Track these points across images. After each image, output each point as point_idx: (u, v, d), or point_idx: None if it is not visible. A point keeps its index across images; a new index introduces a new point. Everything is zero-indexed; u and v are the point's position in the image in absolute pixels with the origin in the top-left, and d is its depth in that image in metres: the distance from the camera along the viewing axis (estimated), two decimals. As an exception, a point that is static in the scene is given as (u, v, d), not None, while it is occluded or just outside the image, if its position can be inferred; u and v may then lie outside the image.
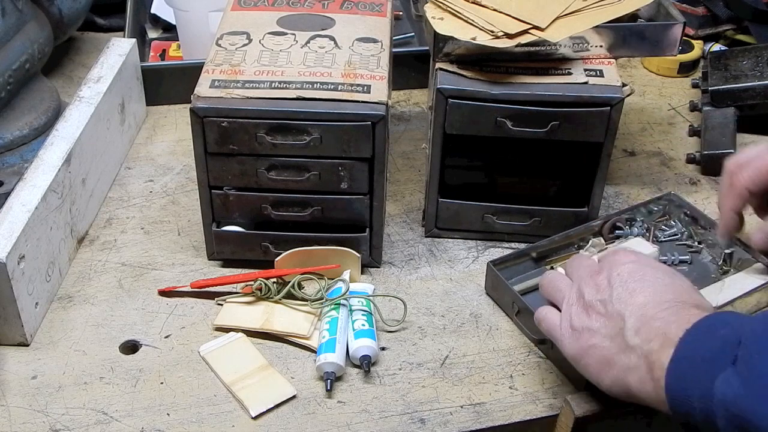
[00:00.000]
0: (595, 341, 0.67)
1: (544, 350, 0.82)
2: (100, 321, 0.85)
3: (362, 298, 0.85)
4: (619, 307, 0.66)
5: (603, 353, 0.67)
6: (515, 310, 0.84)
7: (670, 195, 0.96)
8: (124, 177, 1.05)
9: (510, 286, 0.85)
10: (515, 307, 0.84)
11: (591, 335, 0.68)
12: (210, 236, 0.90)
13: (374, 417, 0.76)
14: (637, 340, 0.64)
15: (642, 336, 0.64)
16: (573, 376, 0.78)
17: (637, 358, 0.64)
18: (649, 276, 0.67)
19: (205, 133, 0.83)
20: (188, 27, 1.20)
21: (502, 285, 0.86)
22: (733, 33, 1.31)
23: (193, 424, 0.75)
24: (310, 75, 0.86)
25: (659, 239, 0.94)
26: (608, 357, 0.66)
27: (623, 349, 0.65)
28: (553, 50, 0.88)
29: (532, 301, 0.83)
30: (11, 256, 0.77)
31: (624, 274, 0.68)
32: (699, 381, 0.58)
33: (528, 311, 0.82)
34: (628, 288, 0.67)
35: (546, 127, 0.87)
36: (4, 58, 1.00)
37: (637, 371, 0.64)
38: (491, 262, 0.87)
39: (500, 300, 0.87)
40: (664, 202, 0.97)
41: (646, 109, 1.21)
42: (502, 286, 0.86)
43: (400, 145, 1.12)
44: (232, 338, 0.83)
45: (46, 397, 0.77)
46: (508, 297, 0.86)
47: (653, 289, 0.66)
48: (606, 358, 0.66)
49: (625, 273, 0.68)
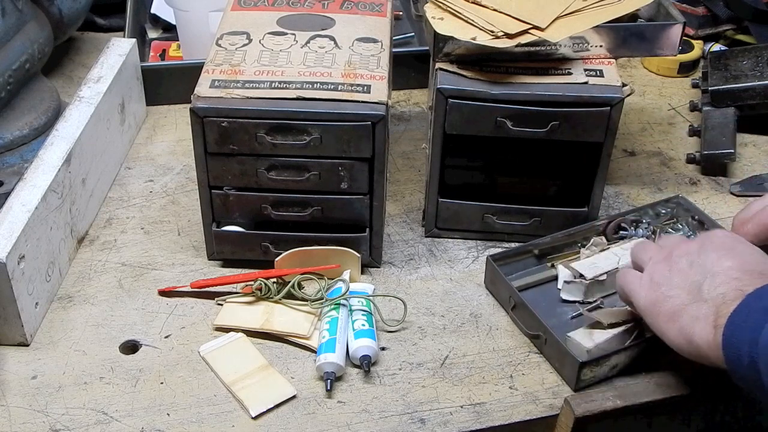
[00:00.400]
0: (671, 293, 0.71)
1: (538, 345, 0.82)
2: (100, 321, 0.85)
3: (362, 298, 0.85)
4: (705, 266, 0.70)
5: (675, 303, 0.70)
6: (511, 305, 0.85)
7: (678, 198, 0.96)
8: (124, 177, 1.05)
9: (508, 280, 0.85)
10: (512, 301, 0.84)
11: (669, 288, 0.72)
12: (210, 236, 0.90)
13: (374, 417, 0.76)
14: (714, 293, 0.68)
15: (719, 290, 0.68)
16: (566, 374, 0.79)
17: (707, 308, 0.67)
18: (739, 248, 0.71)
19: (205, 133, 0.83)
20: (188, 27, 1.20)
21: (500, 279, 0.86)
22: (733, 33, 1.31)
23: (193, 424, 0.75)
24: (310, 75, 0.86)
25: None
26: (679, 308, 0.70)
27: (696, 300, 0.69)
28: (553, 50, 0.88)
29: (530, 298, 0.84)
30: (11, 256, 0.77)
31: (716, 242, 0.72)
32: (751, 328, 0.62)
33: (524, 306, 0.82)
34: (718, 253, 0.71)
35: (546, 127, 0.87)
36: (4, 58, 1.00)
37: (704, 320, 0.67)
38: (491, 257, 0.88)
39: (498, 294, 0.88)
40: (673, 204, 0.96)
41: (646, 109, 1.21)
42: (499, 280, 0.86)
43: (400, 145, 1.12)
44: (232, 338, 0.83)
45: (46, 397, 0.77)
46: (505, 291, 0.86)
47: (742, 259, 0.70)
48: (677, 308, 0.70)
49: (718, 241, 0.72)
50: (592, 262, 0.88)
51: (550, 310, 0.86)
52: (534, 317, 0.81)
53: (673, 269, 0.72)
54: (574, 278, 0.87)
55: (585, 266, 0.87)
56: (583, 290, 0.87)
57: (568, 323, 0.85)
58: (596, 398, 0.75)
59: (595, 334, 0.80)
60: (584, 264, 0.87)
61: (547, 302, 0.87)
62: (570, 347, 0.79)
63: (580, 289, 0.87)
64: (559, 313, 0.86)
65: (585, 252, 0.90)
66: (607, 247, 0.90)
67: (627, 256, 0.87)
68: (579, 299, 0.87)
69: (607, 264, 0.87)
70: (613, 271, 0.86)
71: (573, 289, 0.87)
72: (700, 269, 0.70)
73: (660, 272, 0.73)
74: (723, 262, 0.70)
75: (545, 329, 0.80)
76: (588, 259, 0.88)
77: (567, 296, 0.87)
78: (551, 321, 0.83)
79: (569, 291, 0.87)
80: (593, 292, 0.87)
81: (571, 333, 0.81)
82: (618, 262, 0.87)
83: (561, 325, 0.84)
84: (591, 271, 0.86)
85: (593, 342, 0.79)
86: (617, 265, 0.87)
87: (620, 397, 0.76)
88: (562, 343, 0.79)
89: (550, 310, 0.86)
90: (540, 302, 0.86)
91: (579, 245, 0.92)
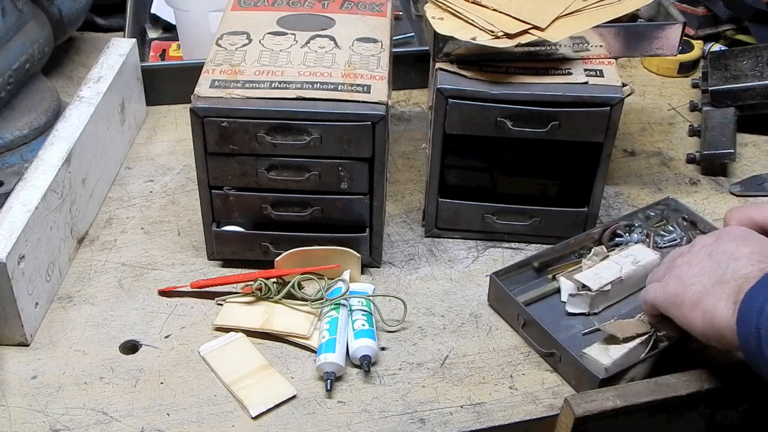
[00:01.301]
0: (694, 281, 0.71)
1: (552, 363, 0.81)
2: (100, 321, 0.85)
3: (362, 298, 0.85)
4: (726, 253, 0.71)
5: (698, 289, 0.70)
6: (521, 323, 0.83)
7: (668, 200, 0.96)
8: (124, 177, 1.05)
9: (515, 298, 0.84)
10: (521, 319, 0.83)
11: (691, 276, 0.72)
12: (210, 236, 0.90)
13: (374, 417, 0.76)
14: (737, 275, 0.68)
15: (743, 272, 0.68)
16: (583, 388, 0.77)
17: (730, 288, 0.68)
18: (755, 237, 0.73)
19: (205, 133, 0.83)
20: (188, 27, 1.20)
21: (507, 297, 0.84)
22: (733, 33, 1.31)
23: (193, 424, 0.75)
24: (310, 75, 0.86)
25: (659, 245, 0.93)
26: (702, 293, 0.70)
27: (720, 282, 0.69)
28: (553, 50, 0.88)
29: (537, 313, 0.82)
30: (11, 256, 0.77)
31: (732, 233, 0.74)
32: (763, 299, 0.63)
33: (534, 323, 0.81)
34: (736, 243, 0.72)
35: (546, 127, 0.87)
36: (4, 58, 1.00)
37: (725, 299, 0.67)
38: (494, 274, 0.86)
39: (504, 312, 0.86)
40: (662, 206, 0.96)
41: (646, 109, 1.21)
42: (506, 299, 0.85)
43: (400, 145, 1.12)
44: (232, 338, 0.83)
45: (46, 397, 0.77)
46: (513, 309, 0.84)
47: (761, 246, 0.71)
48: (700, 293, 0.70)
49: (733, 233, 0.74)
50: (594, 272, 0.86)
51: (557, 324, 0.84)
52: (546, 334, 0.80)
53: (693, 262, 0.73)
54: (579, 290, 0.86)
55: (588, 277, 0.86)
56: (588, 302, 0.85)
57: (578, 338, 0.83)
58: (596, 398, 0.75)
59: (611, 350, 0.79)
60: (587, 275, 0.86)
61: (552, 316, 0.85)
62: (587, 364, 0.77)
63: (586, 301, 0.86)
64: (566, 327, 0.85)
65: (586, 263, 0.89)
66: (607, 255, 0.89)
67: (628, 264, 0.87)
68: (585, 311, 0.86)
69: (610, 274, 0.86)
70: (617, 281, 0.85)
71: (578, 302, 0.86)
72: (721, 257, 0.71)
73: (680, 268, 0.74)
74: (743, 249, 0.70)
75: (560, 346, 0.79)
76: (590, 270, 0.87)
77: (572, 309, 0.86)
78: (561, 336, 0.81)
79: (574, 303, 0.86)
80: (598, 304, 0.86)
81: (587, 349, 0.80)
82: (620, 271, 0.86)
83: (571, 339, 0.83)
84: (595, 283, 0.85)
85: (610, 358, 0.78)
86: (620, 275, 0.86)
87: (620, 397, 0.75)
88: (580, 361, 0.77)
89: (556, 324, 0.84)
90: (546, 317, 0.83)
91: (577, 255, 0.91)
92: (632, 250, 0.89)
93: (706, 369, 0.77)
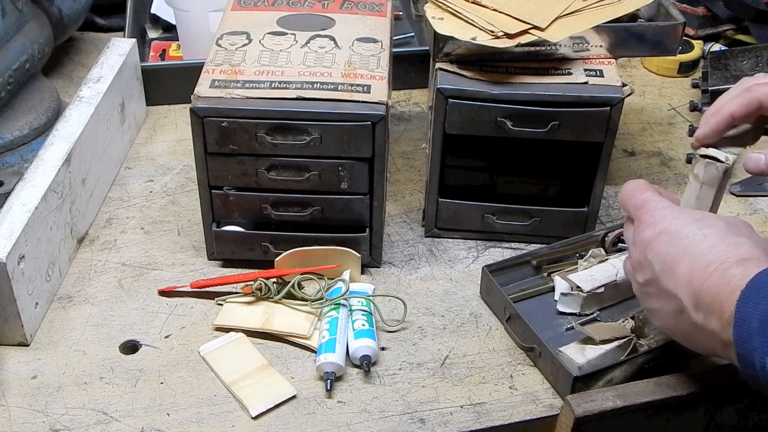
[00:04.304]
0: (668, 321, 0.69)
1: (532, 357, 0.81)
2: (100, 321, 0.85)
3: (362, 298, 0.85)
4: (668, 285, 0.67)
5: (680, 329, 0.68)
6: (506, 316, 0.84)
7: None
8: (124, 177, 1.05)
9: (503, 291, 0.84)
10: (506, 312, 0.83)
11: (661, 315, 0.70)
12: (210, 236, 0.90)
13: (374, 417, 0.76)
14: (699, 317, 0.64)
15: (702, 312, 0.64)
16: (560, 389, 0.78)
17: (708, 337, 0.64)
18: (683, 243, 0.66)
19: (205, 133, 0.83)
20: (188, 27, 1.20)
21: (495, 290, 0.85)
22: (733, 33, 1.31)
23: (193, 424, 0.75)
24: (310, 75, 0.86)
25: None
26: (685, 333, 0.68)
27: (694, 327, 0.66)
28: (553, 50, 0.88)
29: (526, 309, 0.83)
30: (11, 256, 0.77)
31: (658, 249, 0.68)
32: (760, 351, 0.59)
33: (519, 318, 0.81)
34: (667, 261, 0.67)
35: (546, 127, 0.87)
36: (4, 58, 1.00)
37: (716, 345, 0.65)
38: (486, 267, 0.87)
39: (493, 305, 0.87)
40: None
41: (646, 109, 1.21)
42: (495, 291, 0.85)
43: (400, 145, 1.12)
44: (232, 338, 0.83)
45: (46, 397, 0.77)
46: (500, 302, 0.85)
47: (693, 256, 0.65)
48: (684, 333, 0.68)
49: (661, 246, 0.68)
50: (589, 274, 0.86)
51: (546, 322, 0.85)
52: (528, 329, 0.80)
53: (649, 297, 0.70)
54: (571, 290, 0.86)
55: (582, 278, 0.86)
56: (579, 303, 0.85)
57: (563, 336, 0.84)
58: (596, 398, 0.75)
59: (587, 350, 0.79)
60: (581, 276, 0.86)
61: (543, 314, 0.86)
62: (563, 362, 0.77)
63: (577, 302, 0.86)
64: (555, 326, 0.85)
65: (583, 264, 0.89)
66: (605, 258, 0.89)
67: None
68: (575, 311, 0.86)
69: (605, 276, 0.86)
70: (611, 284, 0.85)
71: (569, 302, 0.86)
72: (667, 291, 0.68)
73: (644, 301, 0.72)
74: (677, 270, 0.66)
75: (539, 342, 0.79)
76: (585, 271, 0.87)
77: (563, 308, 0.86)
78: (546, 333, 0.82)
79: (566, 303, 0.86)
80: (590, 305, 0.86)
81: (563, 348, 0.80)
82: (616, 275, 0.85)
83: (556, 337, 0.83)
84: (588, 284, 0.85)
85: (585, 358, 0.78)
86: (615, 278, 0.85)
87: (620, 397, 0.76)
88: (557, 357, 0.77)
89: (545, 322, 0.85)
90: (536, 314, 0.85)
91: (577, 256, 0.91)
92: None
93: (706, 369, 0.77)
